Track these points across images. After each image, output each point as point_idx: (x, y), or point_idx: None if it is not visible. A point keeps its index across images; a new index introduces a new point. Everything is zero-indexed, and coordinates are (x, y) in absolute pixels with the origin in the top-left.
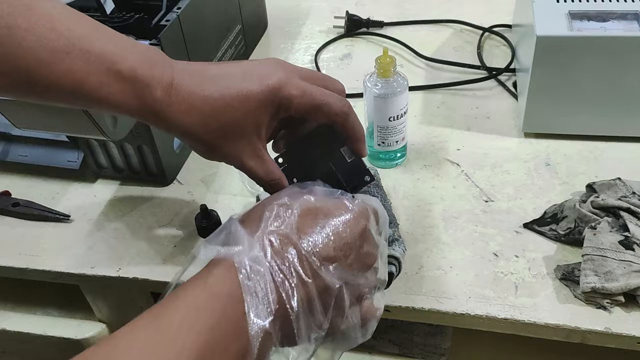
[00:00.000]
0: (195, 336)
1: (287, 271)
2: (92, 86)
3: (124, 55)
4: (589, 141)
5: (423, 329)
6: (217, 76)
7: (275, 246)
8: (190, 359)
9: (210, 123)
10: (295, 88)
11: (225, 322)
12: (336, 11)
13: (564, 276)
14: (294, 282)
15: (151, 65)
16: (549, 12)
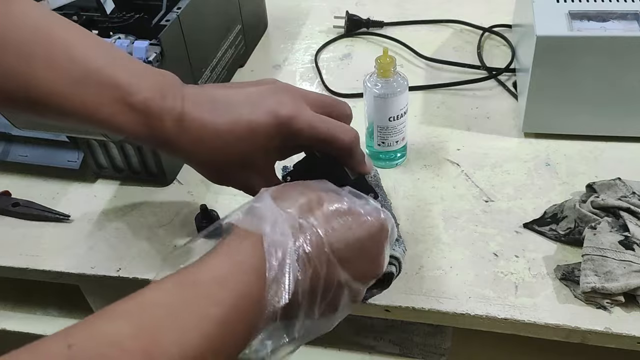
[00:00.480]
0: (217, 309)
1: (305, 257)
2: (105, 115)
3: (138, 85)
4: (589, 141)
5: (423, 329)
6: (226, 104)
7: (301, 230)
8: (210, 328)
9: (220, 155)
10: (303, 122)
11: (247, 298)
12: (336, 11)
13: (564, 276)
14: (309, 272)
15: (163, 95)
16: (549, 12)
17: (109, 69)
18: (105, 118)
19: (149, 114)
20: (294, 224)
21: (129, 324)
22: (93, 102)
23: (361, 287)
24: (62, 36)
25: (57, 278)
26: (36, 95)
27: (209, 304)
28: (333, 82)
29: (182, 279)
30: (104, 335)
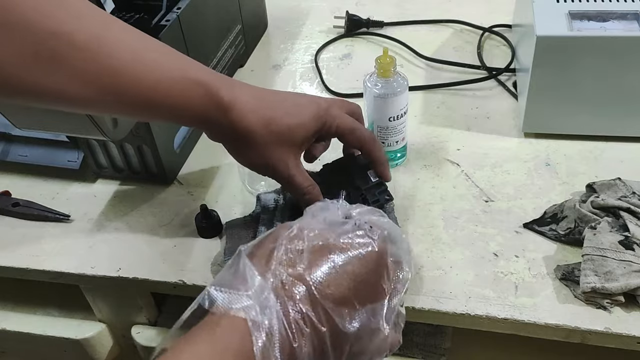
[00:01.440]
0: None
1: (300, 320)
2: (173, 92)
3: (193, 67)
4: (589, 141)
5: (423, 329)
6: (273, 92)
7: (287, 289)
8: None
9: (270, 125)
10: (338, 109)
11: None
12: (336, 11)
13: (564, 276)
14: (307, 333)
15: (217, 76)
16: (549, 12)
17: (176, 65)
18: (167, 92)
19: (208, 85)
20: (278, 286)
21: None
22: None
23: (377, 318)
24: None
25: (57, 278)
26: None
27: None
28: (333, 82)
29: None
30: None
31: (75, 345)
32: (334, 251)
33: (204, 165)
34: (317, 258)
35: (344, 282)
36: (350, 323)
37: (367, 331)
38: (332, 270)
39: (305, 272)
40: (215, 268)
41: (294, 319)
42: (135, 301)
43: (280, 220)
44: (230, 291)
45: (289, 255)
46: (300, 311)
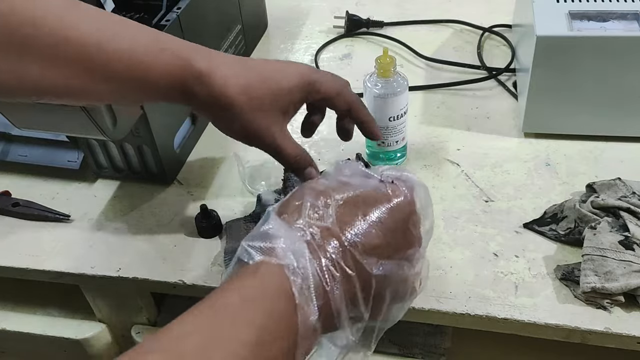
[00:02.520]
0: (249, 330)
1: (331, 266)
2: (146, 60)
3: (167, 38)
4: (589, 141)
5: (423, 328)
6: (253, 59)
7: (317, 240)
8: (245, 351)
9: (252, 91)
10: (322, 75)
11: (276, 318)
12: (336, 11)
13: (564, 276)
14: (338, 277)
15: (192, 46)
16: (549, 12)
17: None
18: (147, 62)
19: (184, 57)
20: (308, 239)
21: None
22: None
23: (404, 268)
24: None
25: (57, 278)
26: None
27: (240, 327)
28: None
29: (206, 310)
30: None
31: (75, 345)
32: (360, 203)
33: (204, 165)
34: (345, 211)
35: (372, 231)
36: (379, 269)
37: (395, 277)
38: (360, 220)
39: (334, 225)
40: (215, 268)
41: (325, 265)
42: (135, 301)
43: None
44: (264, 244)
45: (317, 210)
46: (331, 258)
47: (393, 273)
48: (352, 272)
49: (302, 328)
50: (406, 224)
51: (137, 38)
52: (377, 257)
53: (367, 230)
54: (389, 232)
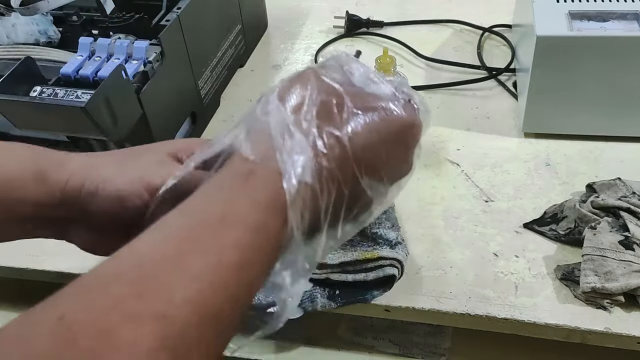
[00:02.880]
0: (232, 252)
1: (331, 181)
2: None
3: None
4: (589, 141)
5: (423, 329)
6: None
7: (323, 148)
8: (226, 275)
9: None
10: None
11: (263, 235)
12: (336, 11)
13: (564, 276)
14: (333, 192)
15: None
16: (549, 12)
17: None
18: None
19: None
20: (311, 137)
21: (129, 285)
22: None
23: (393, 192)
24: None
25: (57, 278)
26: None
27: (222, 248)
28: None
29: (187, 219)
30: (103, 301)
31: None
32: (375, 115)
33: None
34: (358, 119)
35: (379, 150)
36: (370, 190)
37: (379, 198)
38: (370, 135)
39: (343, 132)
40: None
41: (325, 178)
42: None
43: None
44: (263, 144)
45: (328, 112)
46: (332, 171)
47: (379, 194)
48: (346, 191)
49: (286, 242)
50: (411, 151)
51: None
52: (376, 179)
53: (375, 149)
54: (395, 157)
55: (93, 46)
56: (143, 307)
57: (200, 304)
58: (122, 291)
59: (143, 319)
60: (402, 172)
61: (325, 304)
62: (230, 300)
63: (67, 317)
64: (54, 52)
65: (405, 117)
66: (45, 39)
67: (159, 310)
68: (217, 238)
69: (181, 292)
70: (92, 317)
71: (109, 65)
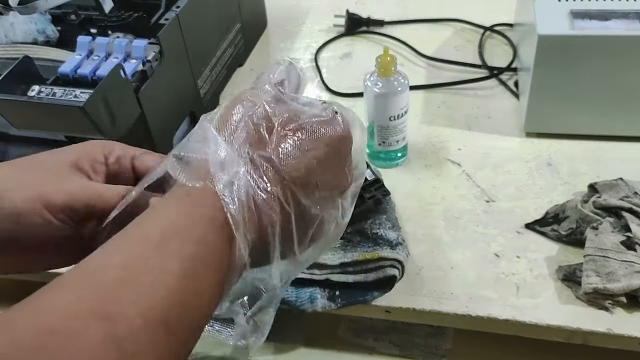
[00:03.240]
0: (176, 261)
1: (269, 198)
2: None
3: None
4: (591, 141)
5: (424, 330)
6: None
7: (256, 168)
8: (172, 283)
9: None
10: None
11: (207, 247)
12: (336, 10)
13: (565, 277)
14: (277, 211)
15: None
16: (551, 10)
17: None
18: None
19: None
20: (246, 160)
21: (74, 291)
22: None
23: (338, 200)
24: None
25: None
26: None
27: (163, 258)
28: (333, 81)
29: (129, 237)
30: (47, 305)
31: None
32: (304, 133)
33: None
34: (288, 141)
35: (312, 167)
36: (316, 207)
37: (328, 217)
38: (302, 153)
39: (274, 154)
40: None
41: (263, 198)
42: None
43: None
44: (198, 158)
45: (257, 133)
46: (271, 192)
47: (328, 211)
48: (290, 210)
49: (234, 261)
50: (345, 162)
51: None
52: (314, 192)
53: (308, 166)
54: (331, 170)
55: (91, 45)
56: (87, 309)
57: (146, 307)
58: (68, 297)
59: (87, 318)
60: (340, 184)
61: (325, 304)
62: (177, 306)
63: (18, 322)
64: (52, 51)
65: (334, 131)
66: (43, 38)
67: (104, 312)
68: (158, 249)
69: (126, 297)
70: (39, 320)
71: (107, 65)
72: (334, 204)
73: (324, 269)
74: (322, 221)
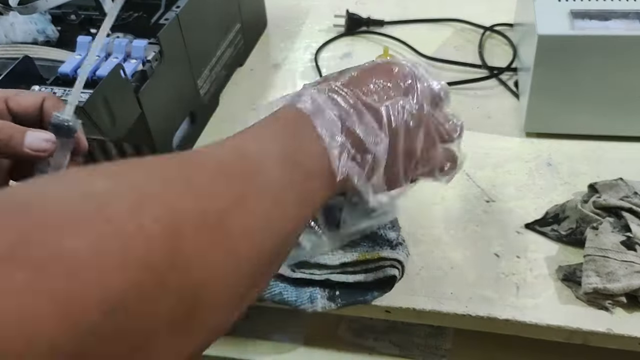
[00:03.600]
0: (278, 157)
1: (350, 107)
2: None
3: None
4: (591, 141)
5: (424, 330)
6: None
7: (335, 91)
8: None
9: None
10: None
11: (304, 155)
12: (336, 10)
13: (565, 277)
14: (355, 116)
15: None
16: (551, 11)
17: None
18: None
19: None
20: (327, 92)
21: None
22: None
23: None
24: None
25: None
26: None
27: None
28: None
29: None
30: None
31: None
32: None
33: None
34: (355, 78)
35: (379, 86)
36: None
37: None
38: (370, 79)
39: (346, 82)
40: None
41: (345, 107)
42: None
43: None
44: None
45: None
46: (349, 102)
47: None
48: (365, 110)
49: (329, 171)
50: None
51: None
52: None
53: (374, 86)
54: (393, 87)
55: (91, 45)
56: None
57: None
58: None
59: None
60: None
61: (325, 304)
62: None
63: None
64: (52, 51)
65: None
66: (43, 38)
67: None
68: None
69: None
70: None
71: (107, 65)
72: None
73: (324, 269)
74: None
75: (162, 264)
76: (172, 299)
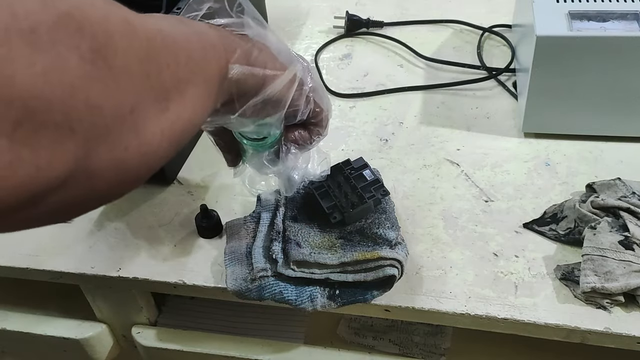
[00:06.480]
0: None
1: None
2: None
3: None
4: (588, 141)
5: (423, 329)
6: None
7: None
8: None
9: None
10: None
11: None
12: (336, 11)
13: (563, 276)
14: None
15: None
16: (549, 12)
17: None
18: None
19: None
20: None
21: None
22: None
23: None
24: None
25: (57, 278)
26: None
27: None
28: (333, 82)
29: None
30: None
31: (75, 345)
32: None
33: (204, 165)
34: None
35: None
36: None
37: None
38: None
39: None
40: (215, 268)
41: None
42: (135, 301)
43: (281, 220)
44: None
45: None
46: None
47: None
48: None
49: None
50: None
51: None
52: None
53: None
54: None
55: None
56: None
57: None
58: None
59: None
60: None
61: (325, 304)
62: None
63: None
64: None
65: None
66: None
67: None
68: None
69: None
70: None
71: None
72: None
73: (324, 268)
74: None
75: None
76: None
